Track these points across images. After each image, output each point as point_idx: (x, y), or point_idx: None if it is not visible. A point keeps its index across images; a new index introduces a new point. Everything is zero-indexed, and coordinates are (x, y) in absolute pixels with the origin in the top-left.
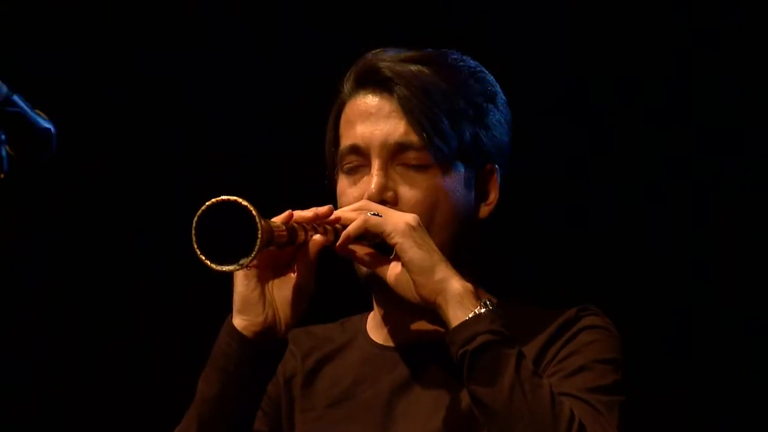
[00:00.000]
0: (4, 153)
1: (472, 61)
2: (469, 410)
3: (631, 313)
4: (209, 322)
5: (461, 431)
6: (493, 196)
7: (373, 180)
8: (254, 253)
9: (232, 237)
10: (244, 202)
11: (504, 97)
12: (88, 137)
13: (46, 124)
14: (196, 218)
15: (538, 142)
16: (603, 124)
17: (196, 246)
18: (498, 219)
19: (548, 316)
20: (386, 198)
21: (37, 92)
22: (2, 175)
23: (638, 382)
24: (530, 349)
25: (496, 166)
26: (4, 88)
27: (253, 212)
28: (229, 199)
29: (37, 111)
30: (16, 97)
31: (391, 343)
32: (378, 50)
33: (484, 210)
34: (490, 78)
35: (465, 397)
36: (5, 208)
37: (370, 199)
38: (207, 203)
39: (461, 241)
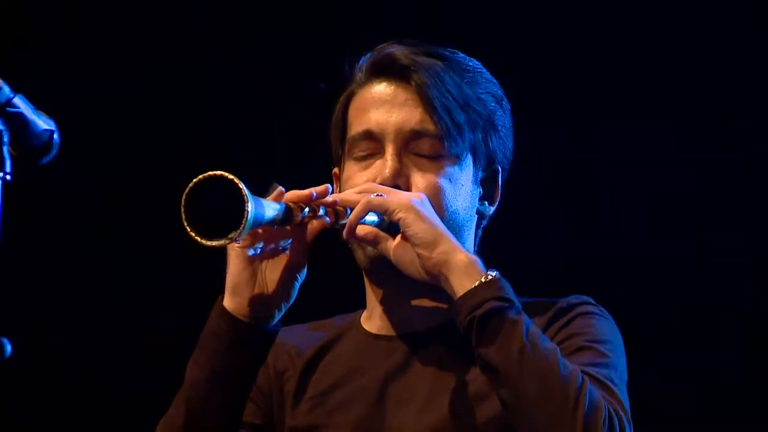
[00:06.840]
0: (6, 154)
1: (479, 63)
2: (464, 396)
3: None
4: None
5: (456, 417)
6: (495, 198)
7: (387, 164)
8: (242, 227)
9: (223, 213)
10: (230, 176)
11: (509, 103)
12: (88, 138)
13: (48, 125)
14: (185, 194)
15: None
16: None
17: (185, 222)
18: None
19: (542, 307)
20: (399, 183)
21: (38, 93)
22: (4, 176)
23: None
24: None
25: (500, 168)
26: (7, 89)
27: (240, 186)
28: (216, 175)
29: (40, 112)
30: (18, 98)
31: (384, 333)
32: (388, 43)
33: (487, 210)
34: (496, 81)
35: (460, 384)
36: (7, 209)
37: (384, 182)
38: (195, 179)
39: (465, 237)
